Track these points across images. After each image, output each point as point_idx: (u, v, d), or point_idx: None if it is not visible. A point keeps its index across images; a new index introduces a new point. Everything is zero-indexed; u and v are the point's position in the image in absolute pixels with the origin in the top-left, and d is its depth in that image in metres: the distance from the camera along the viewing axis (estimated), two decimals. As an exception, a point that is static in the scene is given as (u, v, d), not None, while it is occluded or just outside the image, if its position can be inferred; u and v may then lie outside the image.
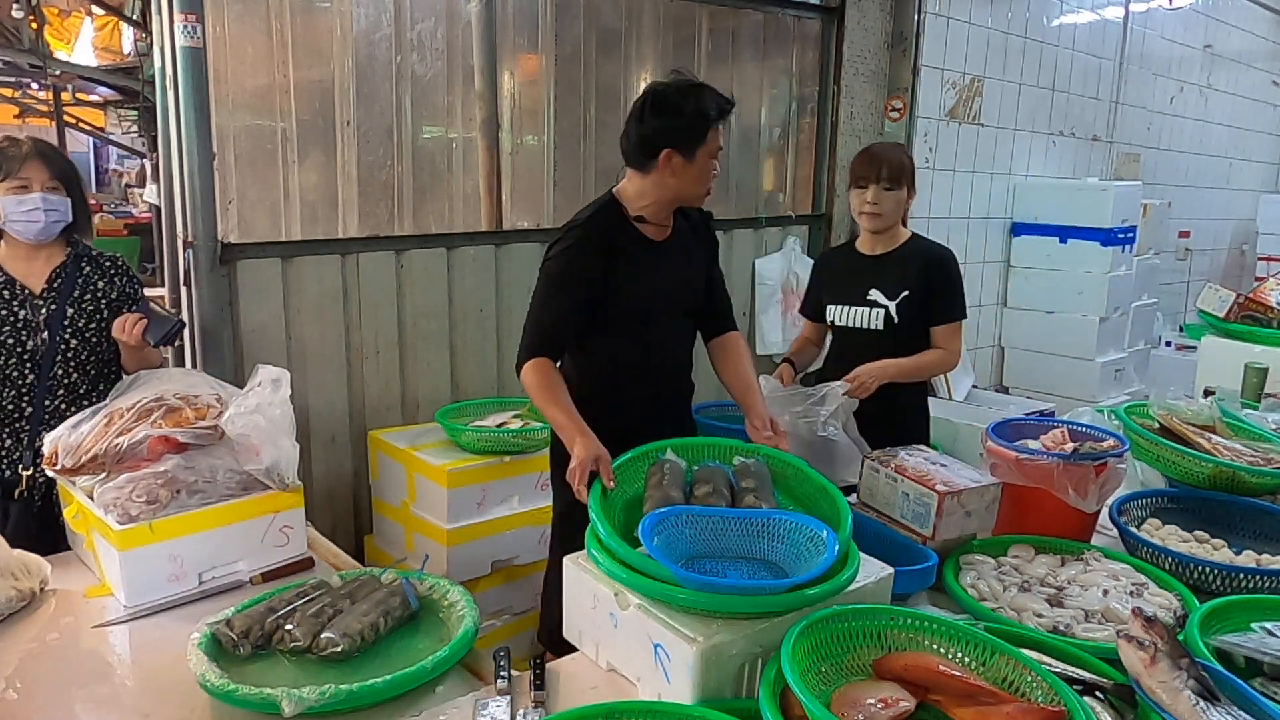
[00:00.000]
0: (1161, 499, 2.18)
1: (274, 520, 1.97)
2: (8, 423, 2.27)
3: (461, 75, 3.34)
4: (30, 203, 2.21)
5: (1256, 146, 8.07)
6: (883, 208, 2.57)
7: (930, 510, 1.84)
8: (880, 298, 2.60)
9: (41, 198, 2.22)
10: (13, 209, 2.21)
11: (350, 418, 3.20)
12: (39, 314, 2.28)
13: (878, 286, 2.61)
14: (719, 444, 1.86)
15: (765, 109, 4.33)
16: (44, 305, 2.29)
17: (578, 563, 1.56)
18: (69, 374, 2.30)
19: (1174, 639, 1.36)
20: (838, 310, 2.66)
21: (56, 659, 1.63)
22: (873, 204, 2.56)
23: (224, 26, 2.82)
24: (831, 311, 2.67)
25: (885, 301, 2.59)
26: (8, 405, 2.27)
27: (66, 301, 2.30)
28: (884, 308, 2.59)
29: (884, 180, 2.54)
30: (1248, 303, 3.72)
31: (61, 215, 2.28)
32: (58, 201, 2.26)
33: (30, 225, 2.23)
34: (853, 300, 2.64)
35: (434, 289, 3.30)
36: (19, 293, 2.28)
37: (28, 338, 2.26)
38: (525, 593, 3.10)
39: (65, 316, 2.29)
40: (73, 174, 2.33)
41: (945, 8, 4.68)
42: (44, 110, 7.36)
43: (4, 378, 2.26)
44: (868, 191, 2.56)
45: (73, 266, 2.33)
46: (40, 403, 2.27)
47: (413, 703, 1.47)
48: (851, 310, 2.63)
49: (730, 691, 1.35)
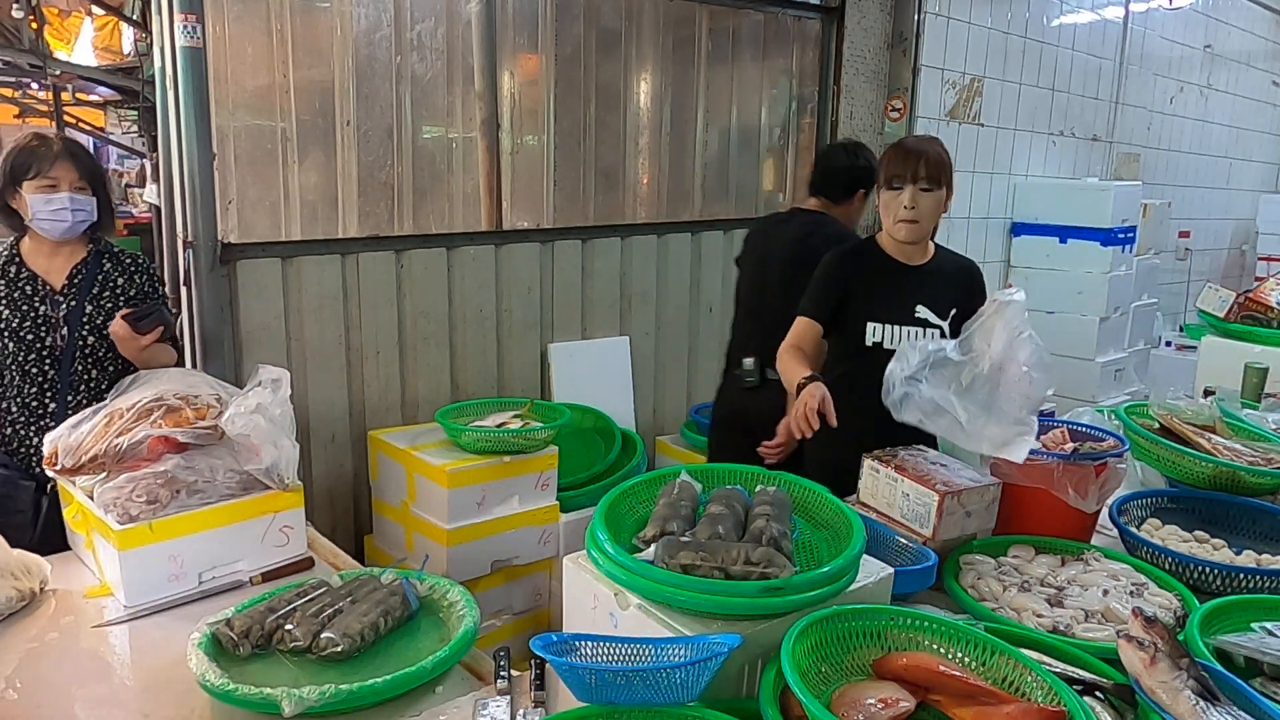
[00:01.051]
0: (1161, 499, 2.18)
1: (274, 520, 1.97)
2: (34, 420, 2.28)
3: (461, 75, 3.34)
4: (58, 202, 2.24)
5: (1256, 146, 8.07)
6: (920, 211, 2.23)
7: (930, 510, 1.83)
8: (931, 316, 2.29)
9: (69, 197, 2.25)
10: (40, 208, 2.24)
11: (350, 418, 3.20)
12: (59, 310, 2.30)
13: (925, 303, 2.29)
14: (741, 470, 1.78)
15: (765, 109, 4.33)
16: (64, 302, 2.31)
17: (578, 563, 1.56)
18: (88, 370, 2.32)
19: (1174, 639, 1.36)
20: (883, 329, 2.28)
21: (56, 659, 1.63)
22: (910, 208, 2.22)
23: (224, 26, 2.82)
24: (875, 331, 2.29)
25: (938, 320, 2.29)
26: (31, 402, 2.31)
27: (86, 298, 2.33)
28: (938, 328, 2.28)
29: (922, 179, 2.21)
30: (1248, 303, 3.72)
31: (87, 215, 2.30)
32: (84, 201, 2.28)
33: (57, 224, 2.26)
34: (900, 318, 2.29)
35: (434, 289, 3.30)
36: (40, 288, 2.30)
37: (47, 334, 2.29)
38: (525, 593, 3.10)
39: (84, 313, 2.32)
40: (99, 173, 2.36)
41: (945, 8, 4.68)
42: (44, 110, 7.34)
43: (24, 373, 2.29)
44: (904, 193, 2.22)
45: (93, 263, 2.36)
46: (63, 399, 2.30)
47: (413, 703, 1.48)
48: (900, 331, 2.28)
49: (730, 692, 1.35)
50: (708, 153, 4.12)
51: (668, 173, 4.01)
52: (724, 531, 1.48)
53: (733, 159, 4.22)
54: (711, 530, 1.48)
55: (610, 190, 3.84)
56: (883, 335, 2.28)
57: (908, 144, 2.30)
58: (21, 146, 2.28)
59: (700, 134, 4.07)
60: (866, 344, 2.28)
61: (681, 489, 1.63)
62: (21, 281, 2.30)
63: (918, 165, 2.21)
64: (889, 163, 2.28)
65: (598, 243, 3.72)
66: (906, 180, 2.22)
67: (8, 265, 2.31)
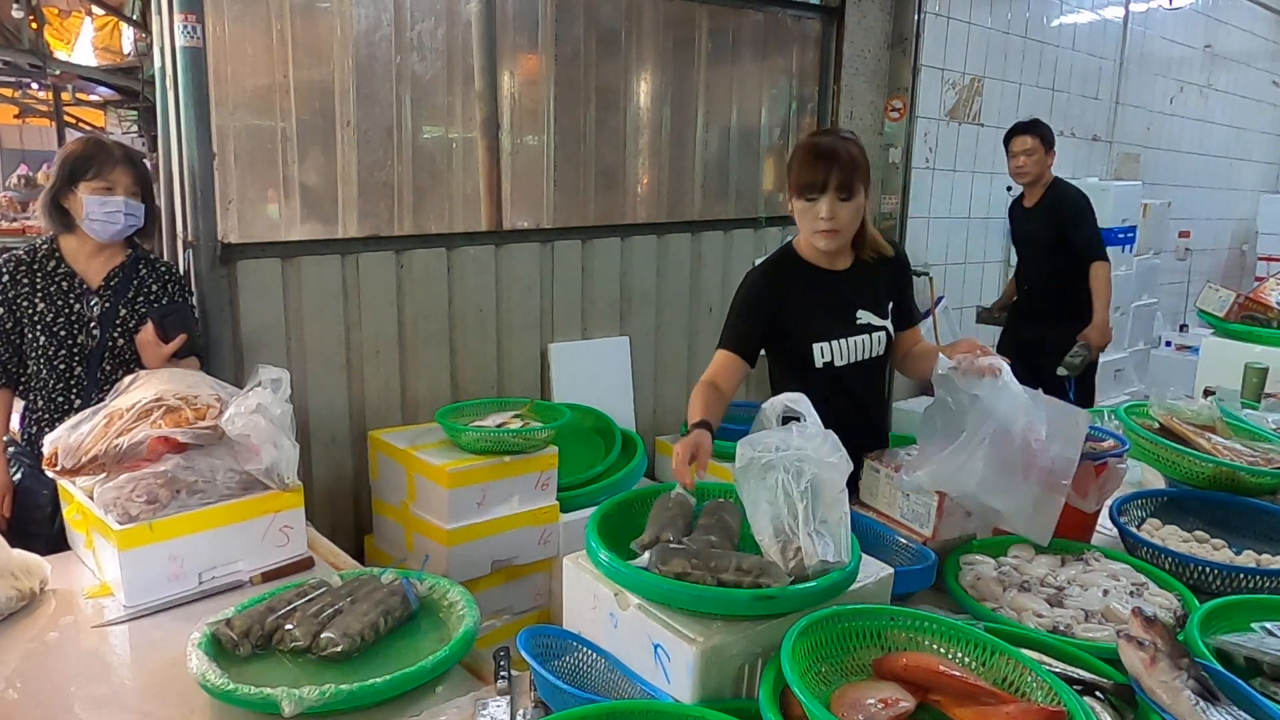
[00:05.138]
0: (1161, 499, 2.18)
1: (274, 520, 1.97)
2: (58, 416, 2.30)
3: (461, 75, 3.34)
4: (113, 205, 2.30)
5: (1256, 146, 8.07)
6: (840, 221, 2.03)
7: (930, 510, 1.83)
8: (873, 318, 2.16)
9: (124, 201, 2.31)
10: (95, 209, 2.29)
11: (350, 418, 3.20)
12: (92, 309, 2.35)
13: (864, 306, 2.15)
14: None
15: (765, 109, 4.33)
16: (99, 302, 2.36)
17: (578, 563, 1.56)
18: (115, 372, 2.35)
19: (1174, 639, 1.36)
20: (830, 347, 2.12)
21: (56, 659, 1.63)
22: (828, 218, 2.01)
23: (224, 26, 2.82)
24: (822, 351, 2.11)
25: (881, 322, 2.17)
26: (58, 398, 2.35)
27: (121, 301, 2.38)
28: (882, 328, 2.17)
29: (835, 188, 1.99)
30: (1248, 303, 3.72)
31: (137, 220, 2.37)
32: (136, 206, 2.35)
33: (109, 226, 2.31)
34: (844, 331, 2.13)
35: (434, 289, 3.30)
36: (76, 286, 2.36)
37: (80, 331, 2.34)
38: (525, 593, 3.10)
39: (117, 316, 2.37)
40: (150, 182, 2.42)
41: (945, 8, 4.68)
42: (44, 110, 7.35)
43: (53, 370, 2.34)
44: (819, 204, 2.01)
45: (130, 268, 2.42)
46: (88, 398, 2.33)
47: (413, 703, 1.48)
48: (848, 344, 2.13)
49: (730, 692, 1.35)
50: (708, 153, 4.12)
51: (668, 173, 4.01)
52: (716, 540, 1.50)
53: (733, 159, 4.22)
54: (705, 539, 1.50)
55: (610, 190, 3.84)
56: (831, 354, 2.12)
57: (820, 147, 2.02)
58: (81, 148, 2.34)
59: (700, 134, 4.07)
60: (816, 365, 2.11)
61: (676, 500, 1.64)
62: (59, 278, 2.35)
63: (829, 174, 1.98)
64: (799, 168, 2.03)
65: (598, 243, 3.72)
66: (819, 190, 2.00)
67: (46, 260, 2.36)
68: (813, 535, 1.42)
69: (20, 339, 2.35)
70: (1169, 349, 6.02)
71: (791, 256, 2.19)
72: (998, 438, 1.72)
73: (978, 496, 1.74)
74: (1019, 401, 1.76)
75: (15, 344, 2.35)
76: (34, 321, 2.32)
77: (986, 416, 1.74)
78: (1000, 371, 1.79)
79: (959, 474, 1.73)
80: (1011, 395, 1.77)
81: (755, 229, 4.25)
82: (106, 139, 2.41)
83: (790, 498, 1.45)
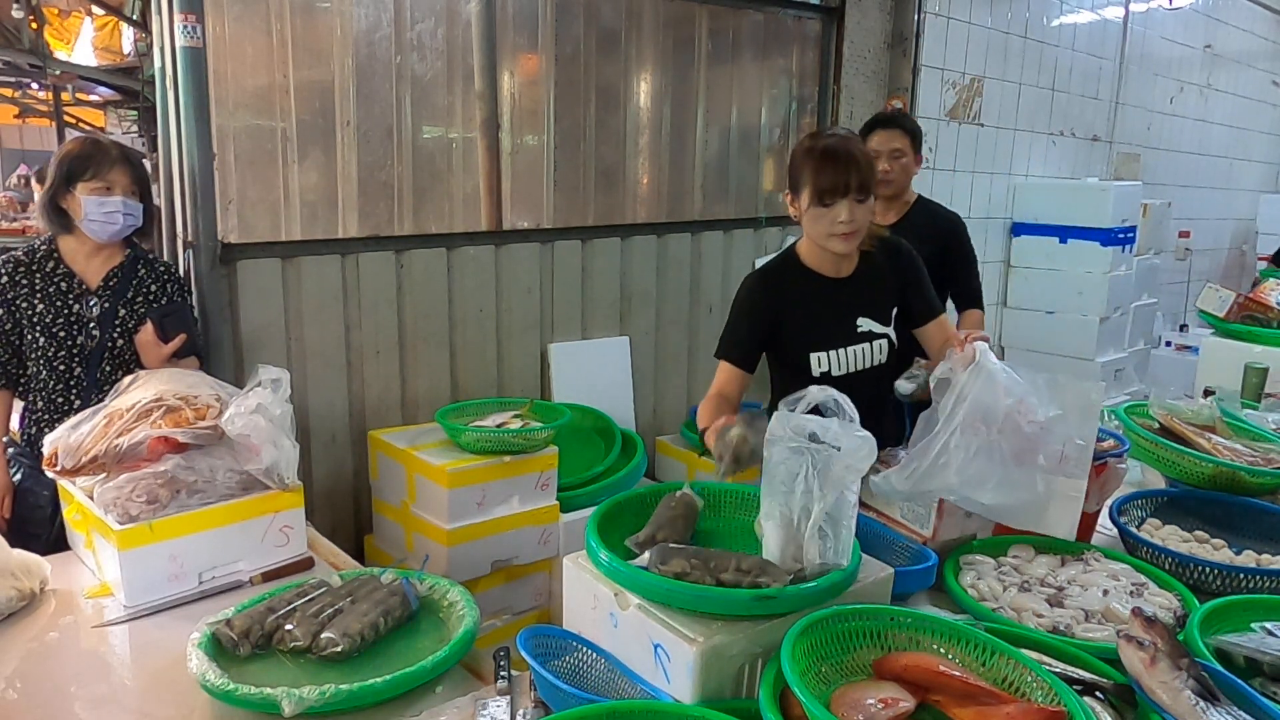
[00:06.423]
0: (1161, 499, 2.18)
1: (274, 520, 1.97)
2: (58, 417, 2.30)
3: (461, 75, 3.34)
4: (111, 205, 2.29)
5: (1256, 146, 8.07)
6: (859, 223, 1.99)
7: (930, 510, 1.83)
8: (875, 326, 2.12)
9: (123, 201, 2.31)
10: (93, 209, 2.29)
11: (350, 418, 3.20)
12: (91, 310, 2.35)
13: (866, 313, 2.12)
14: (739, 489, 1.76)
15: (765, 109, 4.33)
16: (98, 303, 2.36)
17: (578, 563, 1.56)
18: (115, 372, 2.35)
19: (1174, 639, 1.36)
20: (828, 357, 2.09)
21: (56, 659, 1.63)
22: (847, 222, 1.97)
23: (224, 26, 2.82)
24: (820, 361, 2.09)
25: (882, 329, 2.13)
26: (57, 399, 2.35)
27: (120, 301, 2.38)
28: (884, 336, 2.13)
29: (855, 190, 1.96)
30: (1248, 303, 3.73)
31: (136, 220, 2.36)
32: (135, 206, 2.34)
33: (108, 226, 2.31)
34: (844, 340, 2.11)
35: (434, 289, 3.30)
36: (75, 286, 2.35)
37: (79, 332, 2.34)
38: (525, 593, 3.10)
39: (117, 316, 2.37)
40: (148, 181, 2.42)
41: (945, 8, 4.68)
42: (44, 110, 7.36)
43: (53, 370, 2.34)
44: (838, 208, 1.97)
45: (129, 268, 2.41)
46: (87, 398, 2.32)
47: (413, 703, 1.48)
48: (847, 353, 2.10)
49: (730, 692, 1.35)
50: (708, 153, 4.12)
51: (668, 173, 4.01)
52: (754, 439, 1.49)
53: (733, 159, 4.22)
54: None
55: (610, 190, 3.84)
56: (829, 363, 2.10)
57: (835, 150, 1.98)
58: (78, 149, 2.33)
59: (700, 134, 4.07)
60: (814, 375, 2.09)
61: (681, 500, 1.64)
62: (58, 278, 2.35)
63: (848, 177, 1.94)
64: (815, 174, 1.97)
65: (598, 243, 3.72)
66: (840, 194, 1.95)
67: (45, 261, 2.35)
68: (816, 534, 1.42)
69: (20, 340, 2.35)
70: (1169, 349, 6.02)
71: (793, 262, 2.16)
72: (970, 423, 1.61)
73: (961, 492, 1.66)
74: (999, 380, 1.64)
75: (15, 345, 2.35)
76: (33, 322, 2.32)
77: (959, 403, 1.64)
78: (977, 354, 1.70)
79: (934, 470, 1.65)
80: (989, 375, 1.65)
81: (755, 229, 4.25)
82: (103, 139, 2.40)
83: (809, 493, 1.40)
